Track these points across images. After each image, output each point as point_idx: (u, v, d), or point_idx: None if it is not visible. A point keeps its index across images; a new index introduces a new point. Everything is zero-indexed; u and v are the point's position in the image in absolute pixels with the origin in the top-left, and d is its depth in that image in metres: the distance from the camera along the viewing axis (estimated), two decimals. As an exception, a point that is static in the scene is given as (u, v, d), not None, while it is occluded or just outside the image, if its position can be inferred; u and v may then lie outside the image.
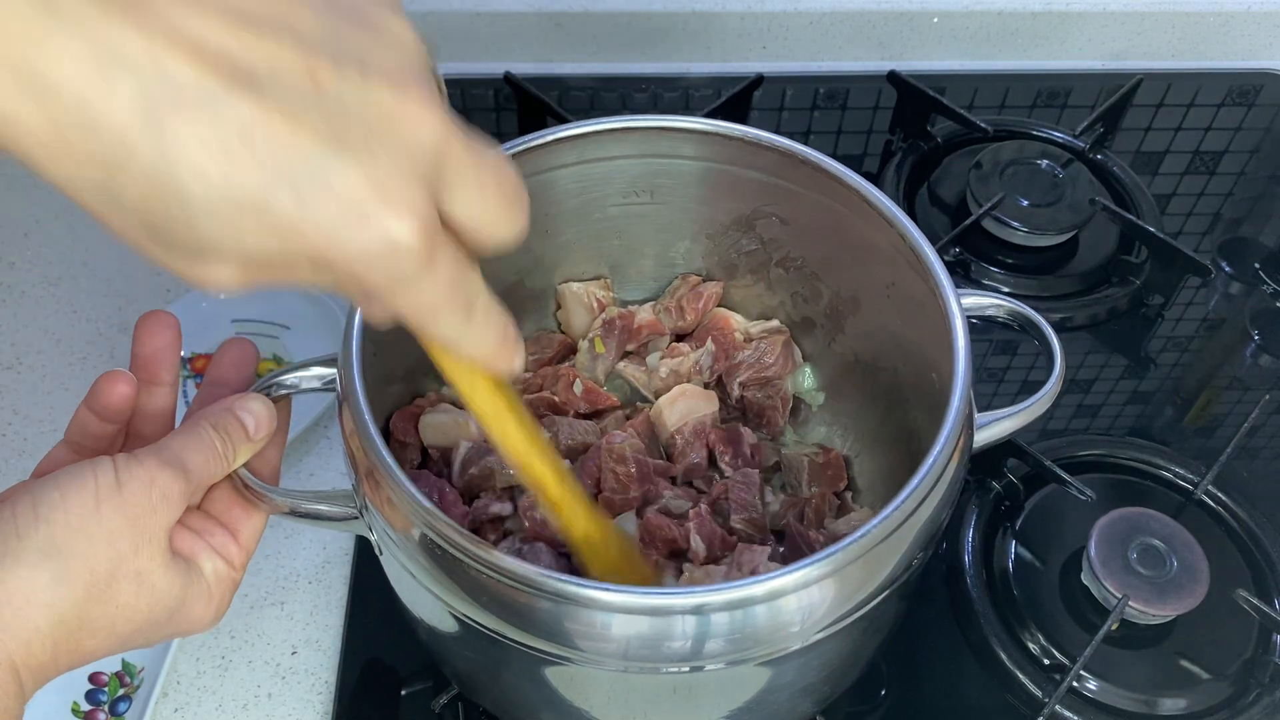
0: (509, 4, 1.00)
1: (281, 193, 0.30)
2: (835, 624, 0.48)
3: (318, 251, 0.32)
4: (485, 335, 0.38)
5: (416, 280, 0.33)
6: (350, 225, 0.31)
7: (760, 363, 0.68)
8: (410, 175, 0.32)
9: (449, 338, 0.37)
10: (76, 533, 0.41)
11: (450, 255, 0.35)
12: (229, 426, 0.47)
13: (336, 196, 0.31)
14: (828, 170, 0.60)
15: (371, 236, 0.32)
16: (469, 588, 0.47)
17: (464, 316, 0.36)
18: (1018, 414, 0.57)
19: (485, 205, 0.35)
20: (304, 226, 0.31)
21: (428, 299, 0.35)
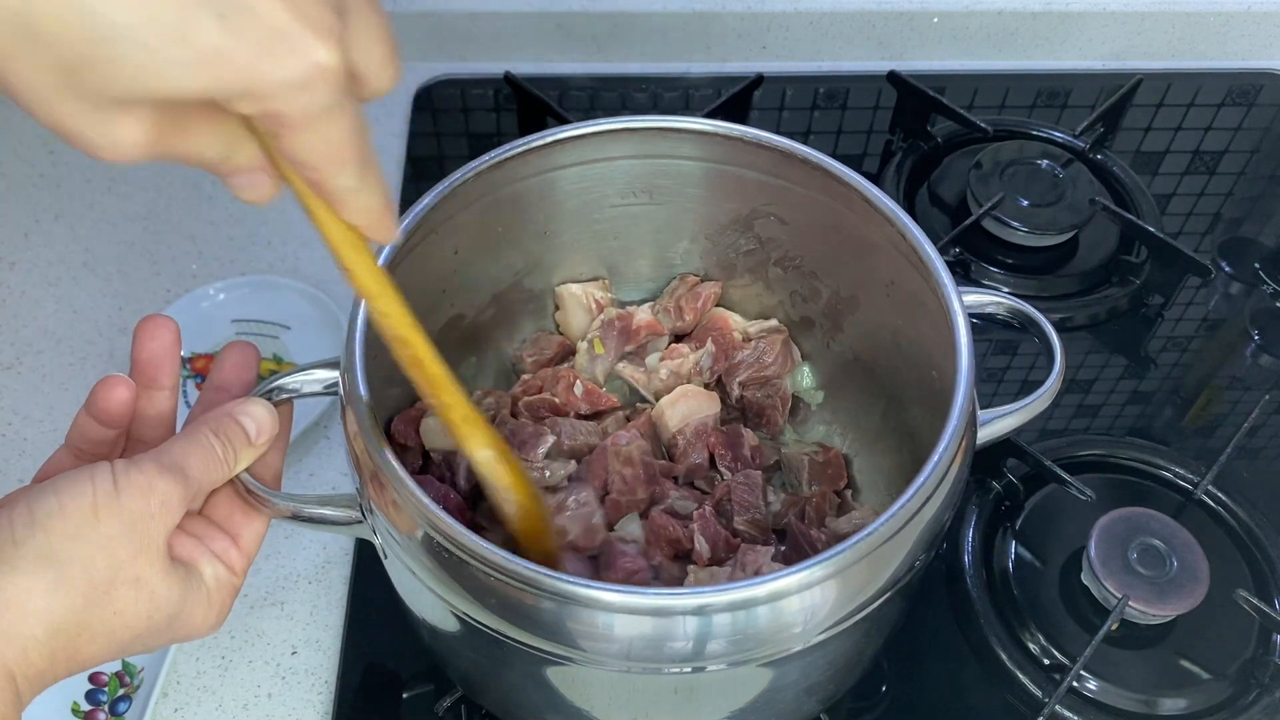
0: (509, 4, 1.00)
1: (205, 18, 0.30)
2: (838, 625, 0.48)
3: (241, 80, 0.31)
4: (375, 195, 0.38)
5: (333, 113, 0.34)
6: (275, 51, 0.31)
7: (759, 362, 0.68)
8: (325, 3, 0.33)
9: (346, 188, 0.37)
10: (74, 539, 0.41)
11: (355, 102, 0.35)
12: (230, 432, 0.47)
13: (264, 22, 0.31)
14: (826, 169, 0.60)
15: (296, 62, 0.32)
16: (474, 589, 0.47)
17: (361, 170, 0.37)
18: (1019, 411, 0.57)
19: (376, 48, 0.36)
20: (230, 53, 0.31)
21: (336, 138, 0.35)
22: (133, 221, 0.90)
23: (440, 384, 0.49)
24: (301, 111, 0.33)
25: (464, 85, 1.01)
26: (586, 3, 1.01)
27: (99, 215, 0.90)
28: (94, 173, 0.93)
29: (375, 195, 0.39)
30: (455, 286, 0.65)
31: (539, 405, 0.66)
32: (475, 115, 1.00)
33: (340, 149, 0.36)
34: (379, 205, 0.39)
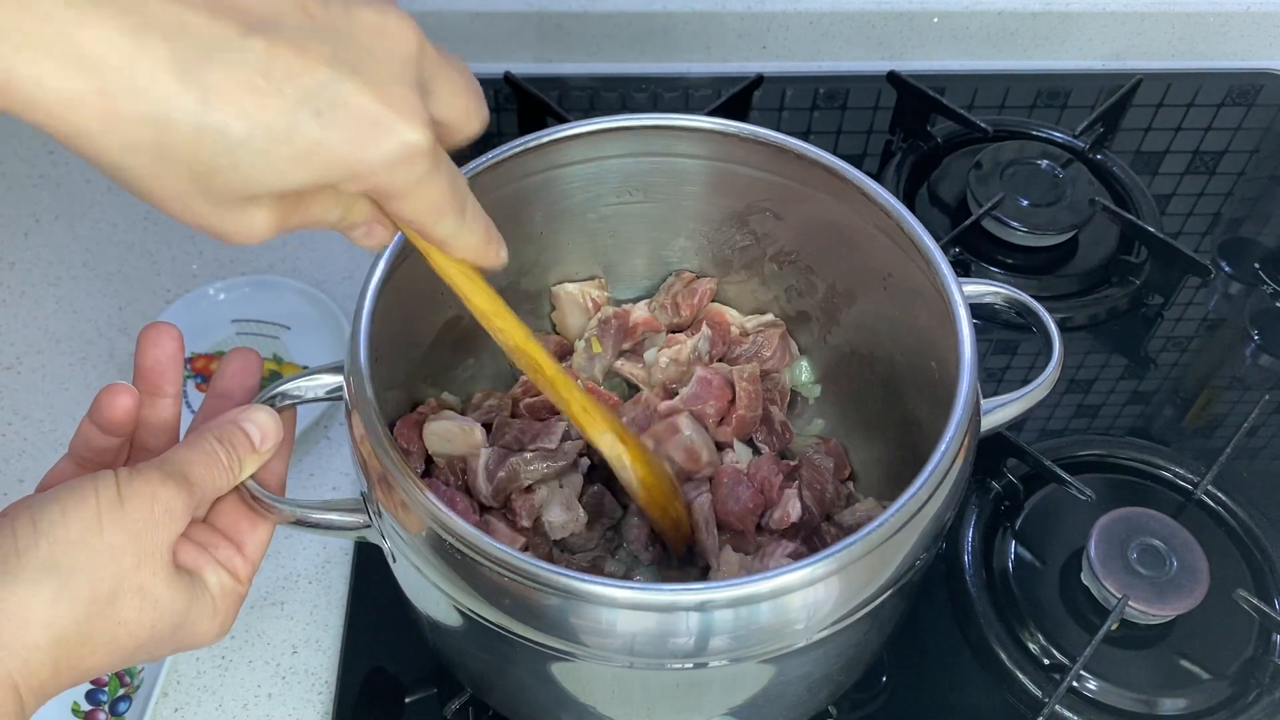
0: (509, 4, 1.00)
1: (305, 117, 0.34)
2: (840, 621, 0.48)
3: (344, 167, 0.36)
4: (476, 231, 0.43)
5: (428, 179, 0.38)
6: (370, 136, 0.36)
7: (757, 356, 0.69)
8: (408, 81, 0.37)
9: (449, 235, 0.42)
10: (78, 549, 0.41)
11: (445, 156, 0.39)
12: (234, 439, 0.47)
13: (354, 113, 0.35)
14: (822, 163, 0.60)
15: (391, 144, 0.36)
16: (484, 589, 0.47)
17: (460, 215, 0.41)
18: (1019, 399, 0.57)
19: (460, 102, 0.40)
20: (330, 145, 0.35)
21: (435, 198, 0.39)
22: (133, 221, 0.90)
23: (558, 382, 0.53)
24: (401, 184, 0.38)
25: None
26: (586, 3, 1.01)
27: (99, 215, 0.90)
28: (94, 173, 0.92)
29: (475, 234, 0.43)
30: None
31: (540, 406, 0.66)
32: (475, 115, 1.00)
33: (438, 206, 0.40)
34: (480, 241, 0.43)
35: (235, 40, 0.33)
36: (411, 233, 0.43)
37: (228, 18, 0.33)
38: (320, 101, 0.34)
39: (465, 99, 0.40)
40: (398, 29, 0.37)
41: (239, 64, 0.33)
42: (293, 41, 0.34)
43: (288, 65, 0.34)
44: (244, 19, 0.33)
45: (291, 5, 0.35)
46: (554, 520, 0.61)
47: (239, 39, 0.33)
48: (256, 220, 0.37)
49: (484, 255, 0.44)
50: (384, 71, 0.36)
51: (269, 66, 0.34)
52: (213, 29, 0.33)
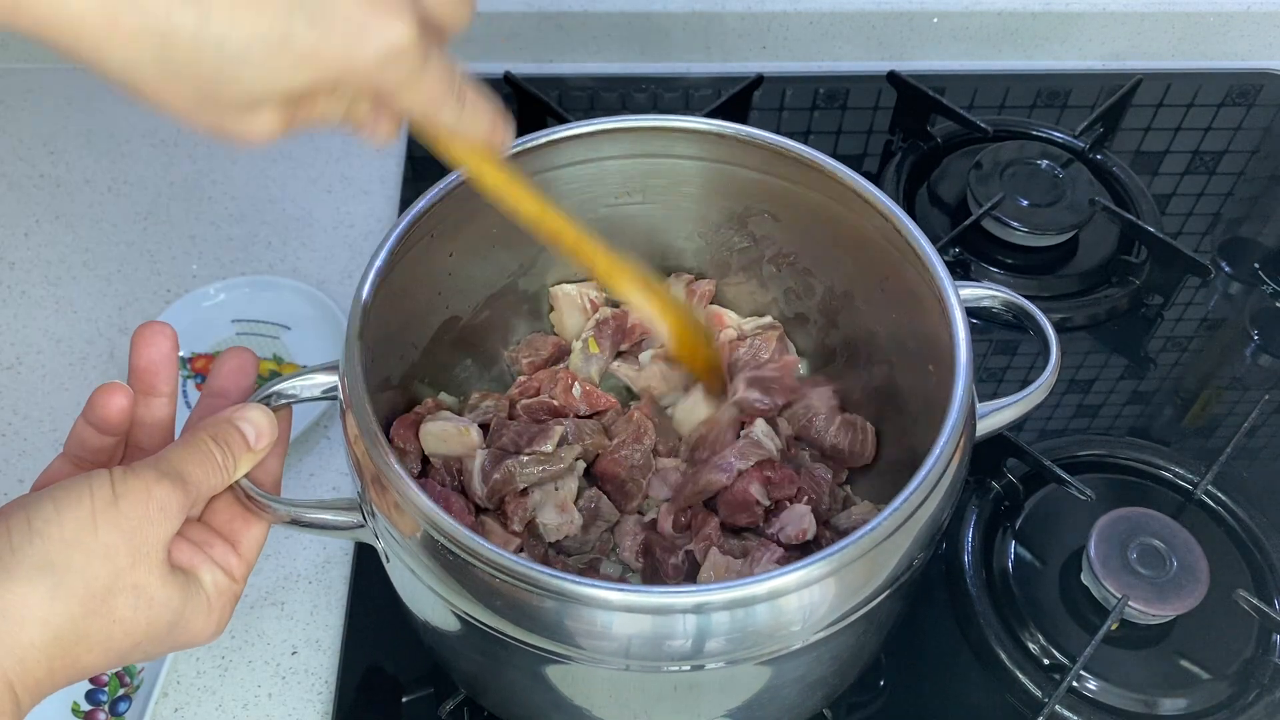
0: (509, 4, 1.00)
1: (298, 23, 0.36)
2: (837, 623, 0.48)
3: (338, 67, 0.38)
4: (480, 115, 0.44)
5: (420, 74, 0.39)
6: (359, 39, 0.37)
7: (755, 359, 0.69)
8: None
9: (451, 123, 0.43)
10: (72, 547, 0.41)
11: (437, 50, 0.40)
12: (229, 437, 0.47)
13: (342, 17, 0.37)
14: (820, 166, 0.60)
15: (378, 44, 0.38)
16: (477, 590, 0.47)
17: (458, 104, 0.42)
18: (1016, 403, 0.57)
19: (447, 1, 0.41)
20: (322, 49, 0.37)
21: (430, 90, 0.41)
22: (133, 221, 0.90)
23: (580, 246, 0.54)
24: (393, 80, 0.39)
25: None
26: (586, 3, 1.01)
27: (99, 215, 0.90)
28: (94, 173, 0.93)
29: (479, 118, 0.44)
30: (450, 288, 0.65)
31: (537, 408, 0.66)
32: (475, 115, 1.00)
33: (436, 95, 0.41)
34: (485, 124, 0.44)
35: None
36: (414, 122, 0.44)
37: None
38: (310, 8, 0.36)
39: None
40: None
41: None
42: None
43: None
44: None
45: None
46: (548, 522, 0.61)
47: None
48: (263, 121, 0.39)
49: (491, 136, 0.45)
50: None
51: None
52: None
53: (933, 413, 0.52)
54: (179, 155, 0.95)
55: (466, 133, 0.44)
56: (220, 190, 0.93)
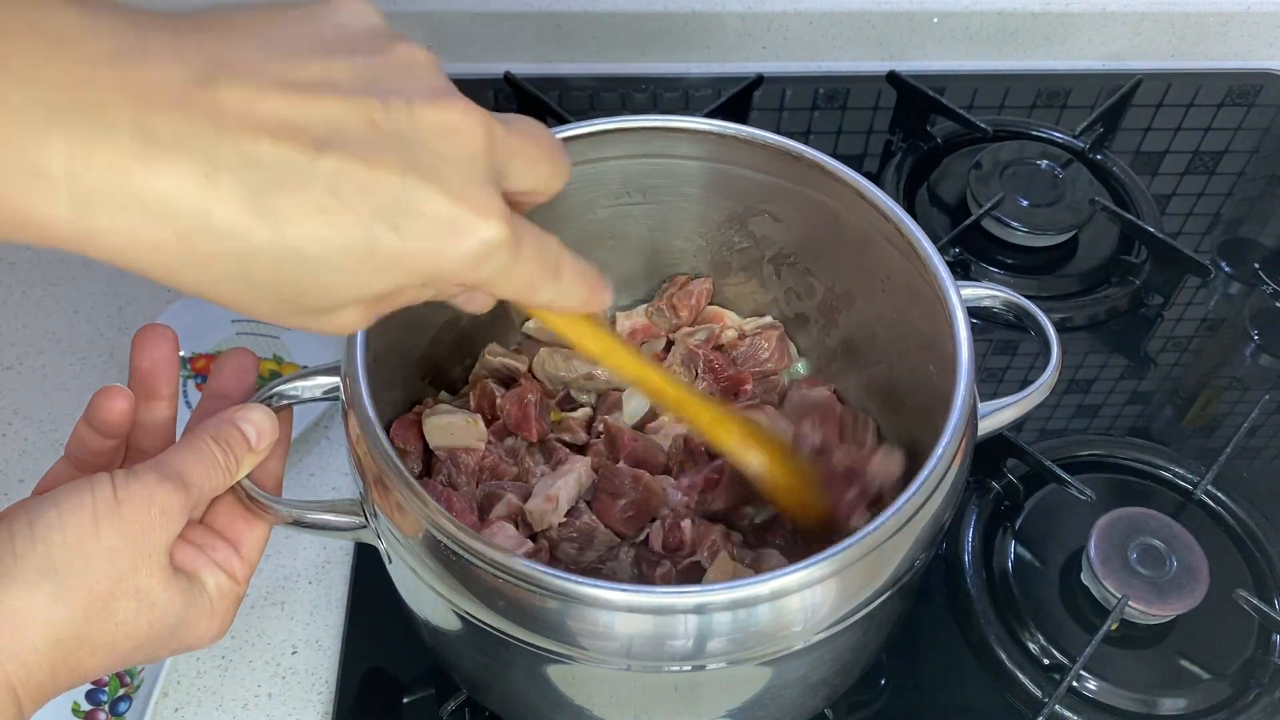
0: (509, 4, 1.00)
1: (382, 231, 0.34)
2: (838, 623, 0.48)
3: (425, 272, 0.36)
4: (576, 287, 0.42)
5: (512, 265, 0.38)
6: (448, 241, 0.35)
7: (755, 358, 0.69)
8: (480, 177, 0.36)
9: (548, 301, 0.41)
10: (74, 551, 0.41)
11: (529, 232, 0.39)
12: (230, 438, 0.47)
13: (429, 220, 0.35)
14: (821, 165, 0.60)
15: (469, 245, 0.36)
16: (479, 591, 0.47)
17: (555, 279, 0.41)
18: (1017, 402, 0.57)
19: (537, 171, 0.39)
20: (410, 254, 0.35)
21: (525, 277, 0.39)
22: (133, 221, 0.90)
23: (683, 403, 0.54)
24: (486, 277, 0.37)
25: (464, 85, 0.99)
26: (586, 3, 1.01)
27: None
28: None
29: (576, 291, 0.42)
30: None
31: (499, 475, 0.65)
32: (475, 115, 1.00)
33: (530, 283, 0.40)
34: (582, 297, 0.43)
35: (303, 163, 0.33)
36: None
37: (293, 141, 0.33)
38: (395, 213, 0.34)
39: (542, 167, 0.40)
40: (462, 123, 0.36)
41: (309, 187, 0.33)
42: (360, 155, 0.34)
43: (357, 181, 0.34)
44: (309, 139, 0.33)
45: (355, 117, 0.34)
46: (533, 509, 0.61)
47: (307, 161, 0.33)
48: (347, 319, 0.38)
49: (588, 306, 0.44)
50: (454, 171, 0.35)
51: (338, 185, 0.33)
52: (280, 155, 0.33)
53: (933, 412, 0.52)
54: (179, 155, 0.95)
55: (565, 307, 0.42)
56: (220, 190, 0.93)
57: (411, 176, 0.34)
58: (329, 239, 0.34)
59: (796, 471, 0.58)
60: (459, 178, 0.35)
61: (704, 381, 0.67)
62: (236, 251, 0.33)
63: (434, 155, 0.35)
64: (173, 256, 0.33)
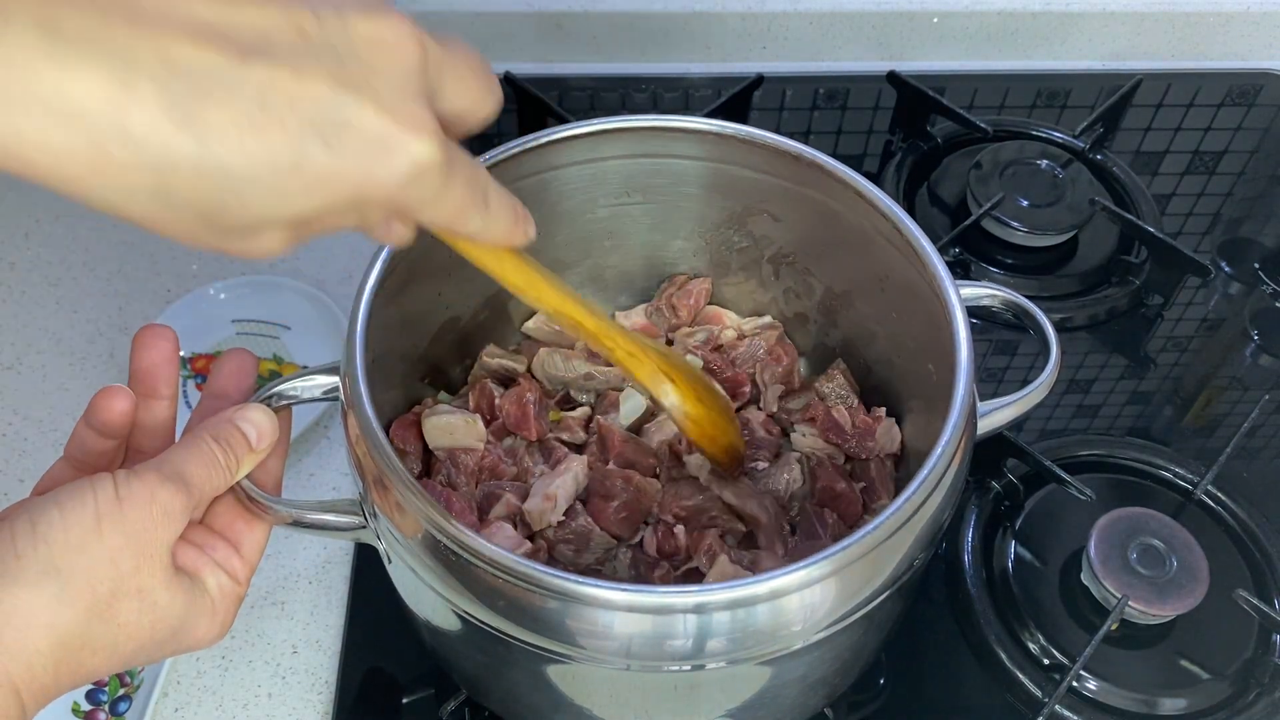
0: (509, 4, 1.00)
1: (311, 146, 0.33)
2: (837, 623, 0.48)
3: (356, 191, 0.34)
4: (502, 218, 0.41)
5: (444, 190, 0.36)
6: (380, 158, 0.34)
7: (754, 357, 0.69)
8: (413, 93, 0.35)
9: (475, 230, 0.40)
10: (77, 551, 0.40)
11: (460, 156, 0.37)
12: (230, 438, 0.46)
13: (360, 135, 0.33)
14: (821, 165, 0.60)
15: (400, 163, 0.34)
16: (479, 591, 0.47)
17: (483, 209, 0.40)
18: (1016, 402, 0.57)
19: (469, 92, 0.38)
20: (339, 172, 0.33)
21: (454, 203, 0.38)
22: (133, 222, 0.90)
23: (601, 334, 0.52)
24: (416, 199, 0.36)
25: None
26: (586, 3, 1.01)
27: (99, 215, 0.89)
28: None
29: (501, 221, 0.41)
30: (450, 289, 0.65)
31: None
32: (475, 115, 1.00)
33: (459, 209, 0.38)
34: (507, 227, 0.42)
35: (228, 71, 0.31)
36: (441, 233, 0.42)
37: (217, 47, 0.31)
38: (325, 127, 0.33)
39: (475, 88, 0.38)
40: (397, 38, 0.35)
41: (234, 97, 0.31)
42: (289, 65, 0.32)
43: (286, 92, 0.32)
44: (235, 46, 0.31)
45: (284, 24, 0.32)
46: (531, 508, 0.61)
47: (232, 69, 0.31)
48: (269, 241, 0.36)
49: (511, 238, 0.43)
50: (387, 85, 0.34)
51: (266, 96, 0.32)
52: (203, 61, 0.31)
53: (933, 412, 0.52)
54: (179, 155, 0.95)
55: (490, 237, 0.41)
56: (220, 190, 0.93)
57: (343, 90, 0.33)
58: (255, 153, 0.32)
59: (709, 405, 0.57)
60: (391, 92, 0.34)
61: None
62: (155, 164, 0.31)
63: (366, 68, 0.34)
64: (84, 167, 0.31)
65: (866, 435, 0.64)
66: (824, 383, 0.67)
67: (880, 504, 0.62)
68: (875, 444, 0.64)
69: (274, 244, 0.36)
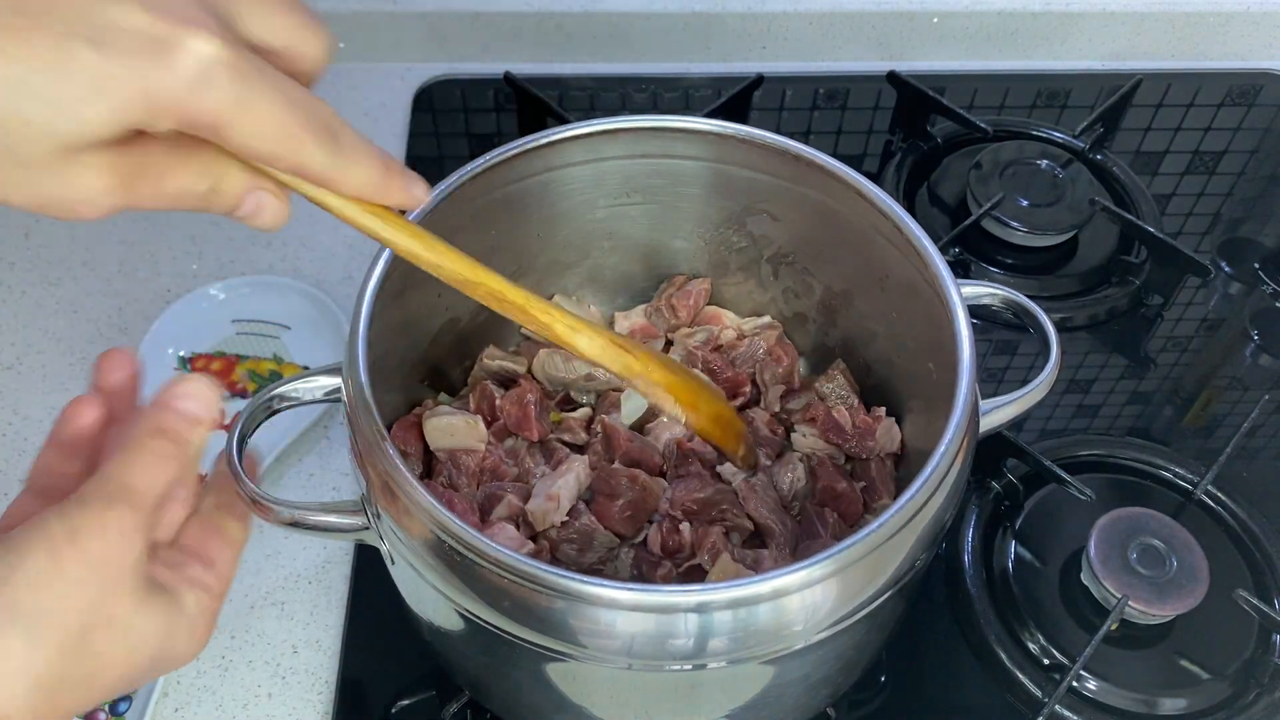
0: (509, 4, 1.00)
1: (78, 47, 0.31)
2: (839, 623, 0.48)
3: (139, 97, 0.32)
4: (363, 164, 0.38)
5: (248, 96, 0.34)
6: (154, 56, 0.32)
7: (754, 358, 0.69)
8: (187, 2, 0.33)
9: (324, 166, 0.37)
10: (40, 589, 0.38)
11: (274, 73, 0.35)
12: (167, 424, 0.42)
13: (129, 34, 0.31)
14: (821, 164, 0.60)
15: (180, 61, 0.32)
16: (484, 591, 0.47)
17: (331, 144, 0.36)
18: (1017, 400, 0.57)
19: (279, 22, 0.36)
20: (114, 74, 0.31)
21: (271, 118, 0.35)
22: (133, 221, 0.90)
23: (527, 306, 0.48)
24: (215, 106, 0.33)
25: (464, 85, 1.01)
26: (586, 3, 1.01)
27: (99, 215, 0.90)
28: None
29: (362, 166, 0.38)
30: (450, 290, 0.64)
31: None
32: (475, 115, 1.00)
33: (285, 128, 0.35)
34: (374, 174, 0.39)
35: None
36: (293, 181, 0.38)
37: None
38: (89, 27, 0.31)
39: (283, 21, 0.36)
40: None
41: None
42: None
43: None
44: None
45: None
46: (534, 509, 0.61)
47: None
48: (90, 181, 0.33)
49: (386, 190, 0.39)
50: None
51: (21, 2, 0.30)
52: None
53: (933, 411, 0.52)
54: (179, 155, 0.95)
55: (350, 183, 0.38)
56: (220, 190, 0.93)
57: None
58: (20, 57, 0.30)
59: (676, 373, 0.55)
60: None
61: None
62: None
63: None
64: None
65: (867, 435, 0.64)
66: (824, 383, 0.67)
67: (881, 504, 0.62)
68: (875, 444, 0.64)
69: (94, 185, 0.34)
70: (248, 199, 0.38)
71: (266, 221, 0.39)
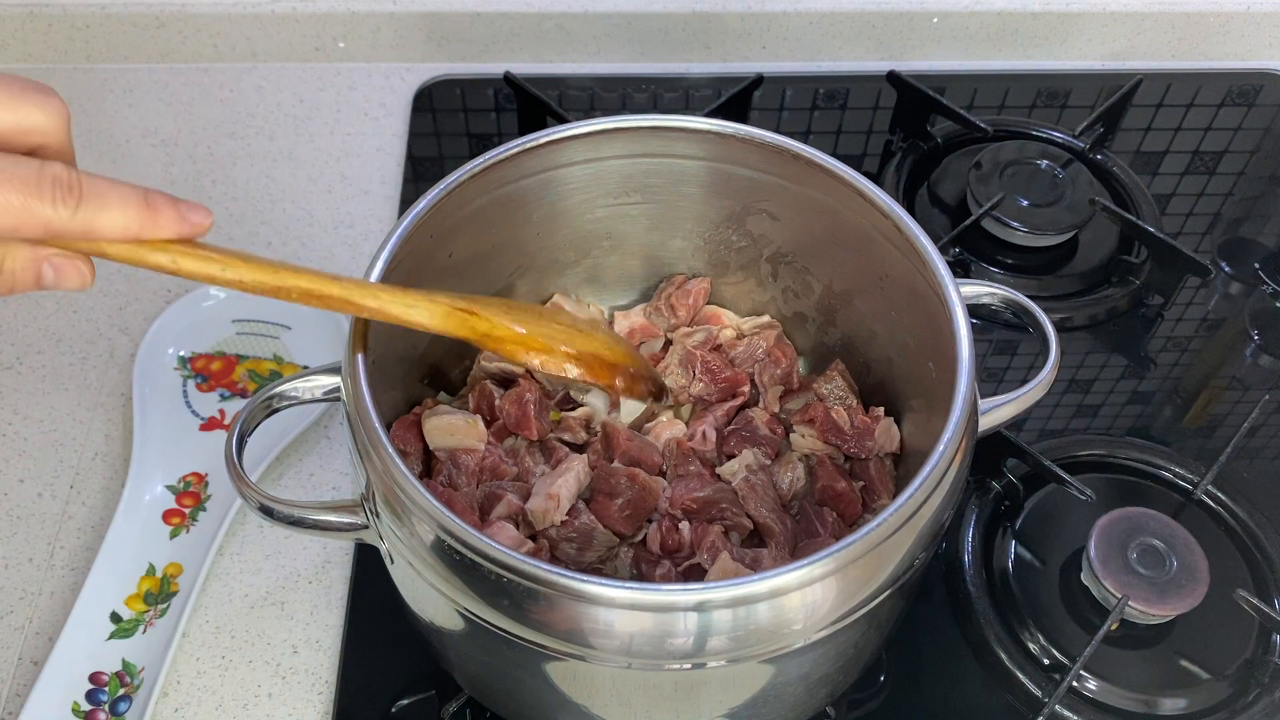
0: (509, 4, 1.00)
1: None
2: (838, 622, 0.48)
3: None
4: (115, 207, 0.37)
5: None
6: None
7: (753, 357, 0.69)
8: None
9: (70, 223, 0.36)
10: None
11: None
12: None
13: None
14: (821, 164, 0.60)
15: None
16: (483, 590, 0.47)
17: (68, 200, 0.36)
18: (1017, 399, 0.57)
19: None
20: None
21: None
22: (133, 222, 0.90)
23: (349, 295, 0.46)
24: None
25: (464, 85, 1.01)
26: (587, 3, 1.01)
27: (99, 215, 0.90)
28: (94, 172, 0.93)
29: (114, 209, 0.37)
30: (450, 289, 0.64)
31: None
32: (475, 115, 1.00)
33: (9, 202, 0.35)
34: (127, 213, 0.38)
35: None
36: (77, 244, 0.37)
37: None
38: None
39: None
40: None
41: None
42: None
43: None
44: None
45: None
46: (534, 508, 0.61)
47: None
48: None
49: (154, 225, 0.39)
50: None
51: None
52: None
53: (932, 410, 0.52)
54: (179, 155, 0.95)
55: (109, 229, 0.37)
56: (220, 190, 0.93)
57: None
58: None
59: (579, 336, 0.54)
60: None
61: (701, 382, 0.67)
62: None
63: None
64: None
65: (865, 435, 0.64)
66: (822, 383, 0.67)
67: (880, 503, 0.62)
68: (874, 443, 0.64)
69: None
70: (44, 270, 0.38)
71: (73, 283, 0.38)
